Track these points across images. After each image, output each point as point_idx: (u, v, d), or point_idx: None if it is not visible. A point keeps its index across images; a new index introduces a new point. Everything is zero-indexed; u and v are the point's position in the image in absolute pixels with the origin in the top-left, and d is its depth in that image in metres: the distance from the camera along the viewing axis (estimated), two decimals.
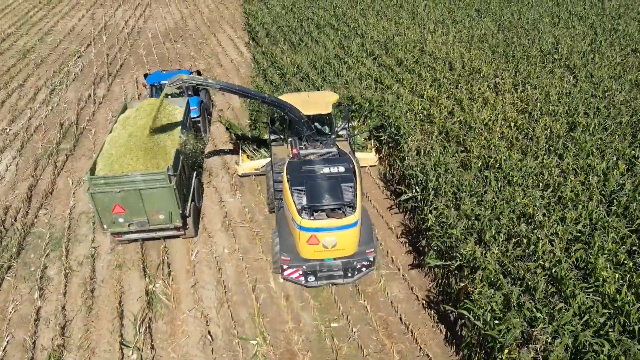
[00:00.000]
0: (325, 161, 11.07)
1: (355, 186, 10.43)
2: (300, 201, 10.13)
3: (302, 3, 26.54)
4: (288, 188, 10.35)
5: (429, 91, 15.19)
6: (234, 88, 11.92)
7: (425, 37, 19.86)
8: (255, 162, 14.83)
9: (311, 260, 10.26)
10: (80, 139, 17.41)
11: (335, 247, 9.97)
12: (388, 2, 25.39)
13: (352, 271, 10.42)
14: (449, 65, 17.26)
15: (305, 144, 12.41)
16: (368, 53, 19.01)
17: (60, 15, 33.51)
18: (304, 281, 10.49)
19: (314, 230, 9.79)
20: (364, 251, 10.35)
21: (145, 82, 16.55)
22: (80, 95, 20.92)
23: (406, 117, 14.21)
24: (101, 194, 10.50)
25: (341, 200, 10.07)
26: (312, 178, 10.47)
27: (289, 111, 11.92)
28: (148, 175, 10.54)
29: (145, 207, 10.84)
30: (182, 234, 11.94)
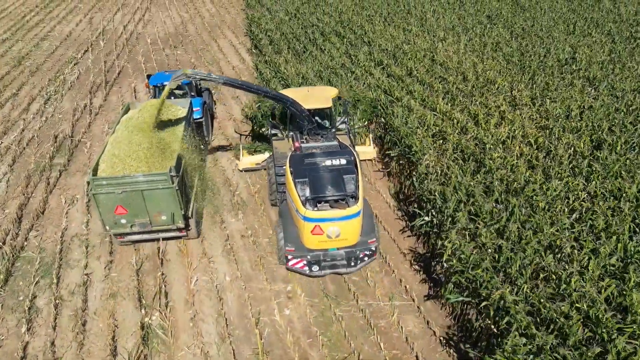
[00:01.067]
0: (327, 154, 11.45)
1: (357, 177, 10.80)
2: (304, 193, 10.52)
3: (306, 9, 25.94)
4: (292, 181, 10.71)
5: (442, 104, 14.53)
6: (237, 83, 12.15)
7: (436, 45, 19.22)
8: (255, 157, 15.01)
9: (315, 250, 10.61)
10: (74, 152, 16.79)
11: (338, 237, 10.30)
12: (395, 8, 24.76)
13: (355, 261, 10.80)
14: (461, 76, 16.60)
15: (306, 138, 12.82)
16: (376, 62, 18.39)
17: (57, 20, 33.01)
18: (308, 271, 10.83)
19: (318, 221, 10.14)
20: (366, 241, 10.72)
21: (148, 82, 16.42)
22: (75, 105, 20.34)
23: (417, 132, 13.56)
24: (103, 195, 10.50)
25: (344, 191, 10.51)
26: (315, 170, 10.87)
27: (290, 105, 12.24)
28: (150, 176, 10.54)
29: (148, 208, 10.87)
30: (185, 235, 11.97)
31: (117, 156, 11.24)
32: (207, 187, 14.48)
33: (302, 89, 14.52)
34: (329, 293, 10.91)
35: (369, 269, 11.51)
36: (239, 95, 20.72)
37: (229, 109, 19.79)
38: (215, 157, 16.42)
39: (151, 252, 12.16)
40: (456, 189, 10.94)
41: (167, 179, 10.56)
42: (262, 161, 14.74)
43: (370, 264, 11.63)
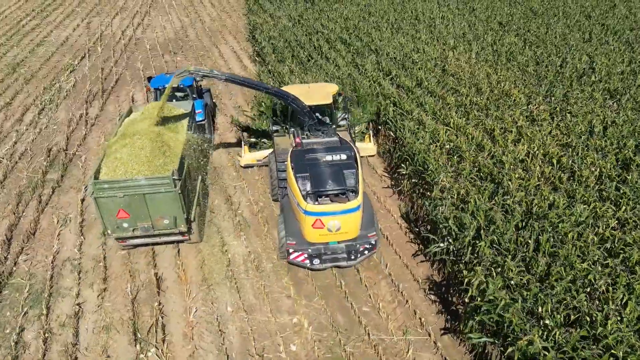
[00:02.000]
0: (328, 149, 11.76)
1: (357, 172, 11.03)
2: (305, 187, 10.75)
3: (310, 14, 25.33)
4: (293, 175, 10.95)
5: (455, 118, 13.89)
6: (239, 79, 12.67)
7: (446, 54, 18.59)
8: (257, 153, 15.26)
9: (316, 243, 10.88)
10: (68, 167, 16.19)
11: (339, 230, 10.57)
12: (403, 14, 24.12)
13: (355, 254, 11.05)
14: (474, 88, 15.96)
15: (307, 134, 13.05)
16: (385, 72, 17.75)
17: (54, 25, 32.49)
18: (309, 264, 11.07)
19: (319, 215, 10.39)
20: (366, 235, 10.99)
21: (150, 85, 16.33)
22: (71, 115, 19.75)
23: (429, 148, 12.93)
24: (105, 199, 10.49)
25: (344, 185, 10.77)
26: (316, 165, 11.17)
27: (291, 101, 12.53)
28: (152, 180, 10.54)
29: (150, 211, 10.86)
30: (187, 239, 12.00)
31: (119, 159, 11.18)
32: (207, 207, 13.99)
33: (303, 86, 14.80)
34: (338, 326, 10.25)
35: (380, 298, 10.86)
36: (234, 93, 20.13)
37: (229, 119, 19.18)
38: (216, 174, 15.79)
39: (147, 278, 11.53)
40: (474, 214, 10.29)
41: (169, 183, 10.51)
42: (264, 157, 14.85)
43: (382, 292, 11.00)
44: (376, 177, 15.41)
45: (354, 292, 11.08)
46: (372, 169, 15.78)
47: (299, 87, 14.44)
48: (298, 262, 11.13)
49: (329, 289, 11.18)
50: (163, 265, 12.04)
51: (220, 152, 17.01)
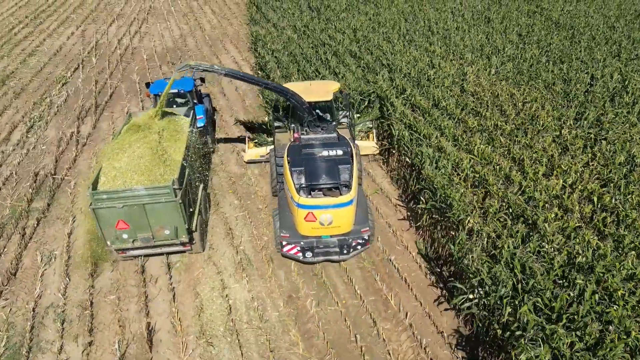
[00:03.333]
0: (325, 145, 12.10)
1: (352, 168, 11.33)
2: (299, 180, 11.12)
3: (316, 24, 24.33)
4: (288, 169, 11.33)
5: (479, 145, 12.82)
6: (239, 74, 12.82)
7: (464, 69, 17.54)
8: (260, 149, 15.69)
9: (309, 237, 11.23)
10: (56, 194, 15.17)
11: (331, 224, 10.88)
12: (415, 25, 23.09)
13: (348, 248, 11.37)
14: (498, 109, 14.90)
15: (306, 130, 13.35)
16: (398, 90, 16.70)
17: (48, 33, 31.57)
18: (301, 257, 11.47)
19: (311, 208, 10.68)
20: (359, 230, 11.30)
21: (149, 91, 16.19)
22: (61, 134, 18.76)
23: (451, 180, 11.87)
24: (104, 210, 10.39)
25: (338, 180, 11.08)
26: (311, 160, 11.49)
27: (290, 97, 12.76)
28: (152, 189, 10.45)
29: (150, 222, 10.80)
30: (189, 249, 11.98)
31: (118, 169, 11.07)
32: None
33: (304, 83, 15.09)
34: None
35: (401, 355, 9.77)
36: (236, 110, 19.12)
37: (229, 132, 18.15)
38: (216, 201, 14.75)
39: (139, 329, 10.46)
40: (508, 262, 9.22)
41: (169, 192, 10.42)
42: (266, 153, 15.13)
43: (403, 348, 9.91)
44: (390, 206, 14.35)
45: (371, 348, 10.01)
46: (385, 197, 14.73)
47: (301, 84, 14.64)
48: (291, 255, 11.54)
49: (342, 345, 10.11)
50: (157, 312, 10.99)
51: (220, 177, 15.97)
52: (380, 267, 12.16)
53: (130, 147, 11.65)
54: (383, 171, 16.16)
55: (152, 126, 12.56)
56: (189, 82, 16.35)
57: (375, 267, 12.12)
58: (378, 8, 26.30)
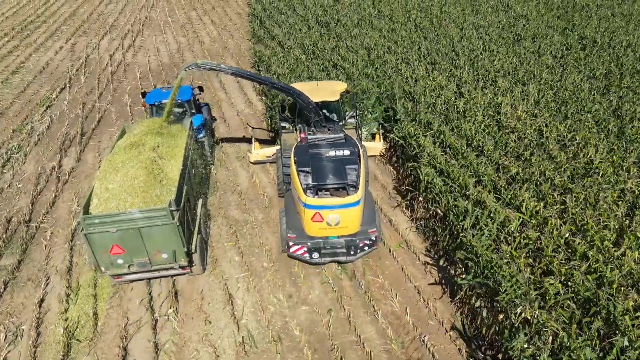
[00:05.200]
0: (331, 145, 12.20)
1: (359, 168, 11.44)
2: (306, 181, 11.21)
3: (326, 42, 22.57)
4: (295, 169, 11.46)
5: (527, 200, 10.97)
6: (246, 73, 13.07)
7: (497, 99, 15.72)
8: (266, 150, 15.85)
9: (316, 237, 11.38)
10: (29, 248, 13.40)
11: (338, 224, 11.04)
12: (435, 44, 21.27)
13: (355, 249, 11.52)
14: (543, 150, 13.05)
15: (313, 130, 13.59)
16: (424, 125, 14.88)
17: (35, 47, 29.97)
18: (308, 257, 11.62)
19: (318, 208, 10.84)
20: (367, 230, 11.43)
21: (144, 101, 15.89)
22: (40, 169, 17.02)
23: (497, 245, 10.05)
24: (97, 235, 10.05)
25: (345, 180, 11.16)
26: (318, 160, 11.62)
27: (297, 97, 13.02)
28: (148, 212, 10.08)
29: (147, 246, 10.50)
30: (189, 271, 11.70)
31: (111, 190, 10.73)
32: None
33: (311, 83, 15.22)
34: None
35: None
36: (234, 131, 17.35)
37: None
38: (214, 257, 12.93)
39: None
40: None
41: (167, 215, 10.09)
42: (273, 154, 15.30)
43: None
44: (418, 265, 12.51)
45: None
46: (411, 252, 12.90)
47: (308, 84, 14.95)
48: (298, 256, 11.64)
49: None
50: None
51: (219, 224, 14.17)
52: (411, 349, 10.32)
53: (124, 166, 11.20)
54: (406, 217, 14.34)
55: (146, 142, 12.10)
56: (187, 92, 16.09)
57: (405, 350, 10.27)
58: (393, 23, 24.57)
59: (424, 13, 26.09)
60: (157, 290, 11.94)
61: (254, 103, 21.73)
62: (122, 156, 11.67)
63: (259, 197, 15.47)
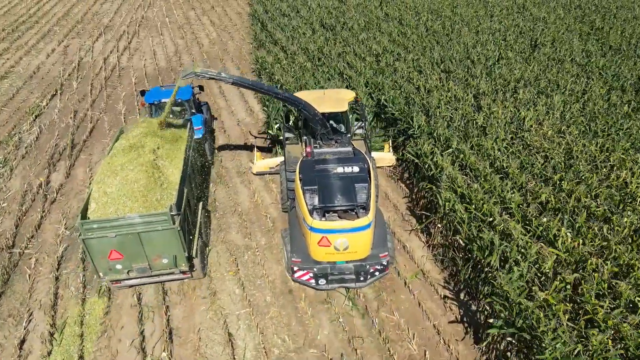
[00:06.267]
0: (339, 160, 11.59)
1: (370, 187, 10.76)
2: (312, 201, 10.57)
3: (332, 47, 21.49)
4: (300, 187, 10.81)
5: (564, 233, 9.93)
6: (247, 82, 12.18)
7: (520, 113, 14.68)
8: (269, 161, 15.25)
9: (322, 262, 10.75)
10: (11, 278, 12.42)
11: (347, 249, 10.39)
12: (448, 51, 20.16)
13: (365, 275, 10.90)
14: (574, 173, 12.00)
15: (319, 143, 13.02)
16: (442, 144, 13.84)
17: (25, 50, 28.97)
18: (314, 284, 11.03)
19: (325, 232, 10.18)
20: (378, 254, 10.75)
21: (144, 100, 15.68)
22: (26, 186, 16.03)
23: (531, 287, 9.04)
24: (95, 240, 9.90)
25: (354, 201, 10.48)
26: (325, 177, 10.98)
27: (302, 108, 12.28)
28: (148, 217, 9.92)
29: (146, 251, 10.37)
30: (189, 276, 11.56)
31: (109, 194, 10.52)
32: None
33: (317, 92, 14.53)
34: None
35: None
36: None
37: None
38: (212, 289, 11.94)
39: None
40: None
41: (167, 219, 9.95)
42: (276, 165, 14.85)
43: None
44: (437, 300, 11.53)
45: None
46: (429, 284, 11.90)
47: (313, 93, 14.28)
48: (303, 281, 11.10)
49: None
50: None
51: (218, 250, 13.17)
52: None
53: (123, 169, 10.97)
54: (421, 242, 13.34)
55: (146, 144, 11.89)
56: (187, 91, 15.90)
57: None
58: (403, 26, 23.49)
59: (434, 15, 24.99)
60: (150, 328, 10.96)
61: (256, 111, 20.73)
62: (121, 159, 11.39)
63: (261, 218, 14.48)
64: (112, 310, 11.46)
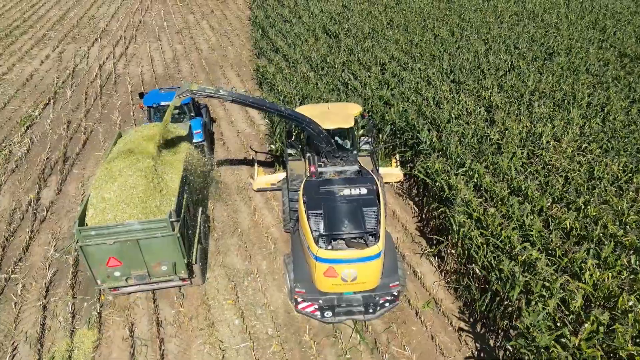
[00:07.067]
0: (346, 181, 11.07)
1: (379, 211, 10.23)
2: (317, 227, 10.13)
3: (335, 55, 20.79)
4: (304, 211, 10.29)
5: (590, 265, 9.22)
6: (248, 100, 11.60)
7: (536, 128, 13.99)
8: (270, 177, 14.83)
9: (328, 293, 10.19)
10: None
11: (355, 280, 9.82)
12: (459, 60, 19.44)
13: (374, 307, 10.36)
14: (598, 196, 11.28)
15: (324, 161, 12.60)
16: (454, 162, 13.14)
17: (19, 55, 28.33)
18: (320, 316, 10.50)
19: (332, 262, 9.64)
20: (388, 284, 10.20)
21: (142, 103, 15.50)
22: (15, 203, 15.32)
23: (558, 326, 8.33)
24: (93, 247, 9.79)
25: (363, 228, 9.89)
26: (331, 200, 10.40)
27: (307, 125, 11.84)
28: (147, 224, 9.84)
29: (145, 258, 10.26)
30: (188, 283, 11.44)
31: (107, 200, 10.37)
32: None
33: (321, 106, 13.99)
34: None
35: None
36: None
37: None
38: (209, 320, 11.23)
39: None
40: None
41: (167, 226, 9.86)
42: (278, 181, 14.45)
43: None
44: (451, 332, 10.82)
45: None
46: (442, 314, 11.19)
47: (317, 107, 13.73)
48: (307, 313, 10.61)
49: None
50: None
51: (216, 275, 12.48)
52: None
53: (121, 175, 10.77)
54: (433, 267, 12.64)
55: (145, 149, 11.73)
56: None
57: None
58: (409, 34, 22.77)
59: (441, 22, 24.29)
60: None
61: (257, 122, 20.05)
62: (120, 163, 11.21)
63: (262, 239, 13.80)
64: (103, 343, 10.77)
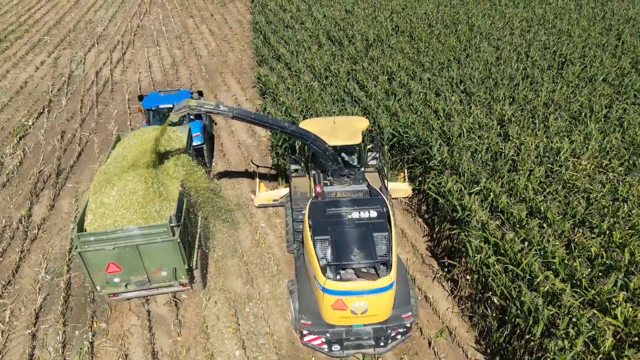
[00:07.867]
0: (354, 202, 10.57)
1: (390, 236, 9.69)
2: (324, 254, 9.60)
3: (339, 64, 20.20)
4: (310, 237, 9.80)
5: (622, 301, 8.61)
6: (250, 116, 11.12)
7: (554, 144, 13.38)
8: (273, 193, 14.50)
9: (337, 326, 9.72)
10: None
11: (366, 313, 9.31)
12: (468, 69, 18.83)
13: (385, 340, 9.89)
14: (623, 219, 10.67)
15: (330, 179, 12.28)
16: (467, 179, 12.53)
17: (14, 61, 27.74)
18: (327, 350, 10.06)
19: (340, 294, 9.08)
20: (400, 316, 9.68)
21: (141, 106, 15.55)
22: (5, 220, 14.75)
23: None
24: (92, 253, 9.75)
25: (374, 257, 9.33)
26: (339, 225, 9.94)
27: (312, 142, 11.46)
28: (146, 229, 9.79)
29: (145, 264, 10.23)
30: (189, 288, 11.36)
31: (106, 205, 10.29)
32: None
33: (326, 120, 13.48)
34: None
35: None
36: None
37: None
38: (208, 351, 10.61)
39: None
40: None
41: (166, 231, 9.81)
42: (280, 197, 14.15)
43: None
44: None
45: None
46: (456, 345, 10.57)
47: (323, 122, 13.23)
48: (313, 346, 10.12)
49: None
50: None
51: (217, 300, 11.86)
52: None
53: (120, 179, 10.68)
54: (445, 291, 12.03)
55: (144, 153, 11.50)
56: (184, 96, 15.78)
57: None
58: (415, 41, 22.15)
59: (449, 30, 23.69)
60: None
61: (259, 133, 19.45)
62: (119, 168, 11.17)
63: (264, 260, 13.20)
64: None
